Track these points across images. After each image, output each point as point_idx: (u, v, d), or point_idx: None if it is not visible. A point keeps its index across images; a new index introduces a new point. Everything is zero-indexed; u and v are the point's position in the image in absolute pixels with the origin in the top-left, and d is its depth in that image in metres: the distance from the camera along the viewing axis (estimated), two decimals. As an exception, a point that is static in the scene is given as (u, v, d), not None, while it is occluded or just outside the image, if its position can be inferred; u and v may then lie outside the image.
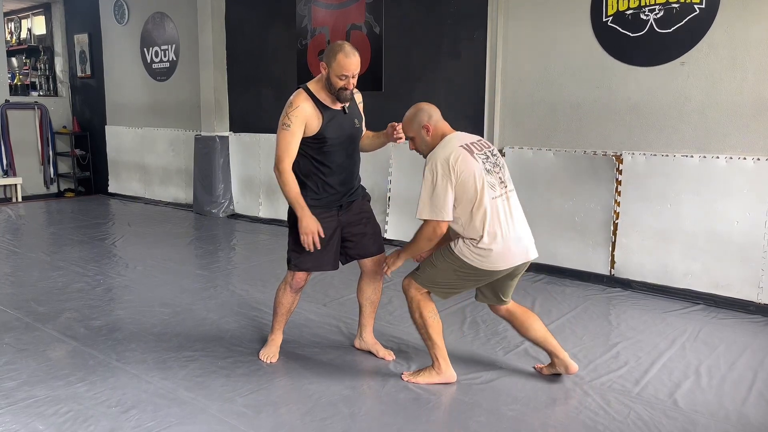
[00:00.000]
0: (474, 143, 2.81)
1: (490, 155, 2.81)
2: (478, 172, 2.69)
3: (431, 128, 2.83)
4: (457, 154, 2.70)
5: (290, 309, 3.20)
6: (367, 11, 5.83)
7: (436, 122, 2.84)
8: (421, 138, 2.86)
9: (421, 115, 2.85)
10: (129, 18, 8.26)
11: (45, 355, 3.25)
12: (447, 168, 2.67)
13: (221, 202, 7.28)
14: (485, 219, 2.68)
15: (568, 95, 4.72)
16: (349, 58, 2.83)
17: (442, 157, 2.71)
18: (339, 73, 2.84)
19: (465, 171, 2.67)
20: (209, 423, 2.57)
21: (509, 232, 2.72)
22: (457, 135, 2.84)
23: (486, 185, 2.69)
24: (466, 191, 2.68)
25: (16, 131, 8.61)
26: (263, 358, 3.20)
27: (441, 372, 2.94)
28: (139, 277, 4.74)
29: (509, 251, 2.72)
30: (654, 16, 4.25)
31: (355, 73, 2.87)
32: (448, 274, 2.81)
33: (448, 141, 2.79)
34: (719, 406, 2.77)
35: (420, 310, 2.89)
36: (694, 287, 4.25)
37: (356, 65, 2.86)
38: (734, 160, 4.05)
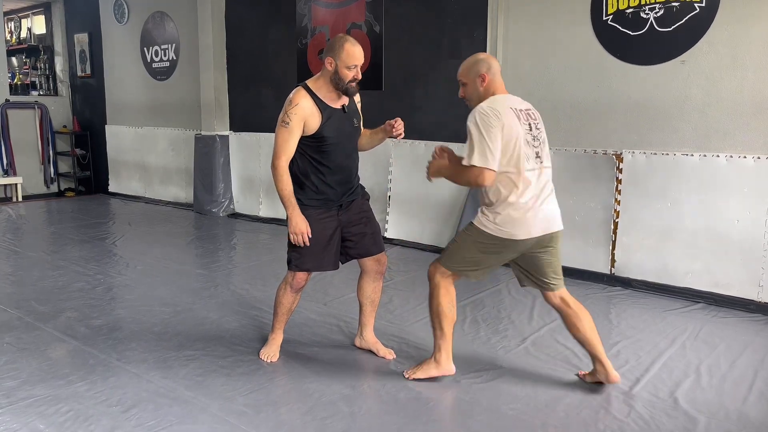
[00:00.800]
0: (523, 111, 2.74)
1: (534, 127, 2.74)
2: (520, 138, 2.64)
3: (487, 79, 2.75)
4: (506, 112, 2.64)
5: (290, 309, 3.20)
6: (367, 10, 5.83)
7: (494, 75, 2.77)
8: (474, 87, 2.79)
9: (481, 64, 2.77)
10: (129, 17, 8.26)
11: (45, 354, 3.25)
12: (497, 118, 2.60)
13: (221, 201, 7.28)
14: (510, 184, 2.64)
15: (568, 94, 4.72)
16: (356, 47, 2.87)
17: (492, 110, 2.63)
18: (349, 64, 2.85)
19: (509, 132, 2.62)
20: (210, 422, 2.58)
21: (532, 203, 2.66)
22: (508, 97, 2.77)
23: (522, 155, 2.64)
24: (504, 152, 2.62)
25: (17, 131, 8.61)
26: (264, 357, 3.20)
27: (440, 364, 2.93)
28: (139, 276, 4.74)
29: (528, 220, 2.66)
30: (654, 14, 4.25)
31: (357, 65, 2.89)
32: (470, 249, 2.77)
33: (498, 99, 2.71)
34: (720, 405, 2.77)
35: (439, 298, 2.86)
36: (694, 286, 4.24)
37: (362, 54, 2.90)
38: (734, 159, 4.05)
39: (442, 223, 5.50)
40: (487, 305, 4.11)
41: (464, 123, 5.30)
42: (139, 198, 8.48)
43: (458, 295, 4.29)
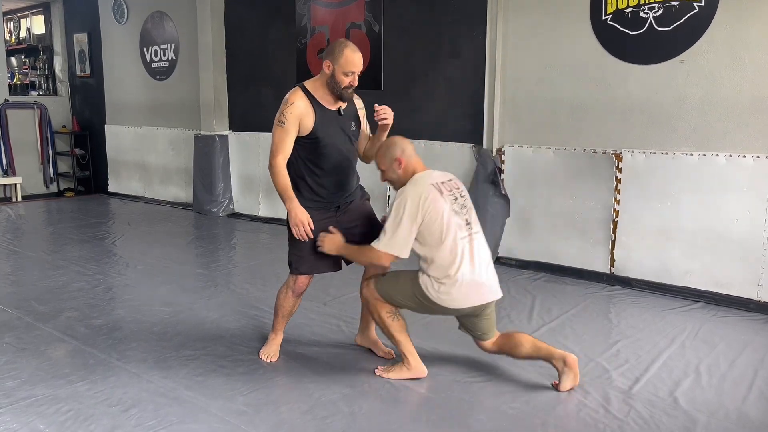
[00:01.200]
0: (444, 183, 2.85)
1: (459, 196, 2.86)
2: (446, 213, 2.74)
3: (403, 162, 2.85)
4: (427, 193, 2.74)
5: (291, 311, 3.20)
6: (366, 10, 5.83)
7: (408, 157, 2.86)
8: (392, 171, 2.88)
9: (394, 149, 2.87)
10: (128, 17, 8.25)
11: (45, 354, 3.25)
12: (416, 208, 2.72)
13: (221, 201, 7.28)
14: (448, 260, 2.74)
15: (567, 93, 4.72)
16: (355, 54, 2.88)
17: (413, 194, 2.75)
18: (346, 69, 2.86)
19: (433, 211, 2.72)
20: (210, 422, 2.58)
21: (470, 274, 2.76)
22: (428, 173, 2.87)
23: (453, 226, 2.75)
24: (431, 232, 2.73)
25: (16, 131, 8.60)
26: (263, 356, 3.21)
27: (411, 368, 2.97)
28: (139, 276, 4.74)
29: (468, 292, 2.78)
30: (653, 14, 4.25)
31: (355, 71, 2.90)
32: (407, 296, 2.88)
33: (420, 178, 2.83)
34: (719, 404, 2.77)
35: (378, 312, 2.95)
36: (693, 285, 4.25)
37: (361, 61, 2.92)
38: (734, 158, 4.05)
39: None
40: (487, 305, 4.10)
41: (464, 123, 5.30)
42: (138, 198, 8.48)
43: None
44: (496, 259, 5.12)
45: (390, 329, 2.95)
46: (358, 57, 2.89)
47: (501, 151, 5.08)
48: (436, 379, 2.99)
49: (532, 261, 4.99)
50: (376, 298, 2.94)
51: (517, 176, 5.04)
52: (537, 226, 4.97)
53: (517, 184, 5.03)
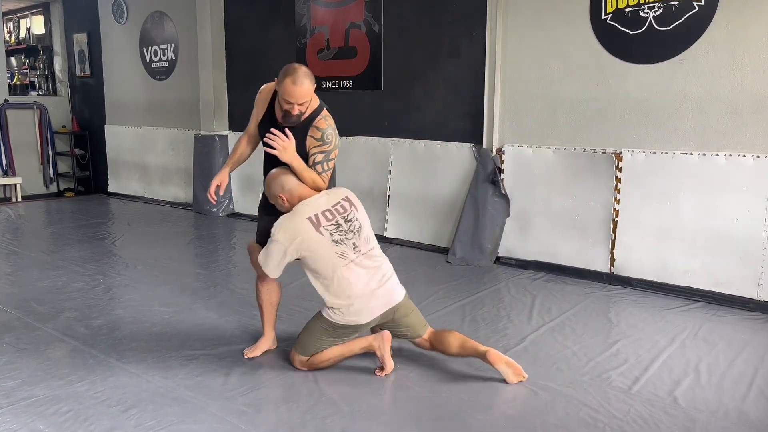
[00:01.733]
0: (327, 210, 2.90)
1: (344, 222, 2.91)
2: (323, 247, 2.84)
3: (285, 197, 2.92)
4: (299, 235, 2.82)
5: (269, 301, 3.20)
6: (366, 9, 5.83)
7: (290, 191, 2.92)
8: (279, 205, 2.97)
9: (275, 186, 2.94)
10: (128, 17, 8.25)
11: (45, 354, 3.25)
12: (287, 244, 2.83)
13: (221, 201, 7.28)
14: (336, 287, 2.85)
15: (567, 93, 4.72)
16: (296, 87, 2.78)
17: (285, 231, 2.84)
18: (284, 98, 2.83)
19: (308, 250, 2.84)
20: (210, 422, 2.58)
21: (364, 291, 2.87)
22: (308, 203, 2.90)
23: (334, 256, 2.84)
24: (318, 267, 2.86)
25: (16, 131, 8.60)
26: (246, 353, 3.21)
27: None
28: (139, 276, 4.74)
29: (366, 306, 2.88)
30: (653, 13, 4.25)
31: (300, 102, 2.82)
32: (321, 335, 2.97)
33: (299, 212, 2.88)
34: (719, 403, 2.77)
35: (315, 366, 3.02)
36: (693, 285, 4.25)
37: (302, 95, 2.80)
38: (734, 158, 4.05)
39: (441, 223, 5.50)
40: (487, 304, 4.11)
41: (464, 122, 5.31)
42: (138, 198, 8.48)
43: (457, 296, 4.31)
44: (496, 258, 5.13)
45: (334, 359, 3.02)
46: (297, 90, 2.78)
47: (501, 151, 5.08)
48: (435, 379, 2.99)
49: (532, 261, 4.99)
50: (304, 364, 3.02)
51: (516, 176, 5.04)
52: (537, 225, 4.96)
53: (517, 184, 5.03)
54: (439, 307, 4.03)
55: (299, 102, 2.82)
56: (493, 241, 5.10)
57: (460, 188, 5.33)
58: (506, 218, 5.09)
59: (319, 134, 2.96)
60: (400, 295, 3.02)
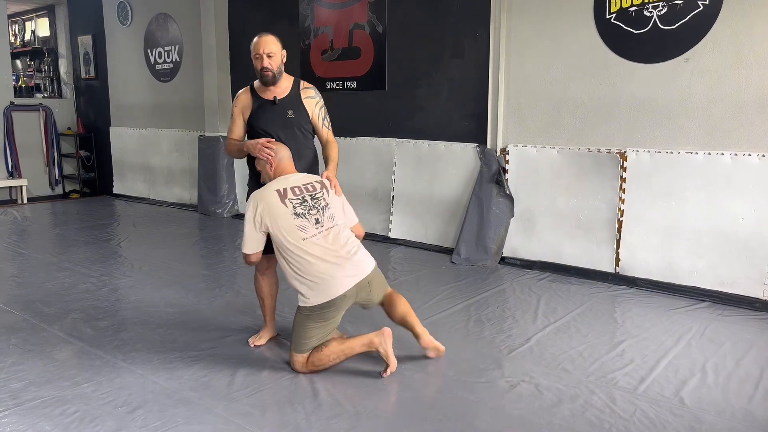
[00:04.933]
0: (295, 187, 3.03)
1: (309, 199, 3.02)
2: (284, 218, 2.93)
3: (274, 165, 3.09)
4: (262, 202, 2.97)
5: (268, 293, 3.38)
6: (370, 10, 5.83)
7: (280, 159, 3.10)
8: (265, 173, 3.14)
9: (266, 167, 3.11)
10: (132, 19, 8.28)
11: (51, 355, 3.26)
12: (251, 218, 3.00)
13: (225, 202, 7.29)
14: (301, 266, 2.91)
15: (571, 93, 4.71)
16: (260, 38, 3.16)
17: (253, 200, 3.02)
18: (252, 53, 3.16)
19: (269, 217, 2.95)
20: (215, 423, 2.58)
21: (329, 266, 2.89)
22: (284, 178, 3.06)
23: (295, 229, 2.92)
24: (279, 239, 2.95)
25: (21, 133, 8.65)
26: (251, 341, 3.40)
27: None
28: (144, 277, 4.75)
29: (334, 280, 2.89)
30: (658, 12, 4.24)
31: (267, 52, 3.13)
32: (306, 324, 2.97)
33: (269, 185, 3.04)
34: (725, 403, 2.76)
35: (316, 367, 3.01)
36: (699, 284, 4.23)
37: (265, 43, 3.14)
38: (739, 157, 4.03)
39: (446, 223, 5.49)
40: (491, 305, 4.11)
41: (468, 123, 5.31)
42: (143, 199, 8.50)
43: (462, 296, 4.31)
44: (500, 259, 5.12)
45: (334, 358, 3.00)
46: (261, 40, 3.14)
47: (505, 151, 5.07)
48: (441, 380, 2.99)
49: (537, 261, 4.98)
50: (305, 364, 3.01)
51: (521, 176, 5.03)
52: (541, 225, 4.96)
53: (522, 184, 5.03)
54: (444, 308, 4.03)
55: (266, 51, 3.13)
56: (498, 241, 5.09)
57: (465, 188, 5.32)
58: (511, 218, 5.08)
59: (312, 91, 3.36)
60: (369, 266, 3.05)
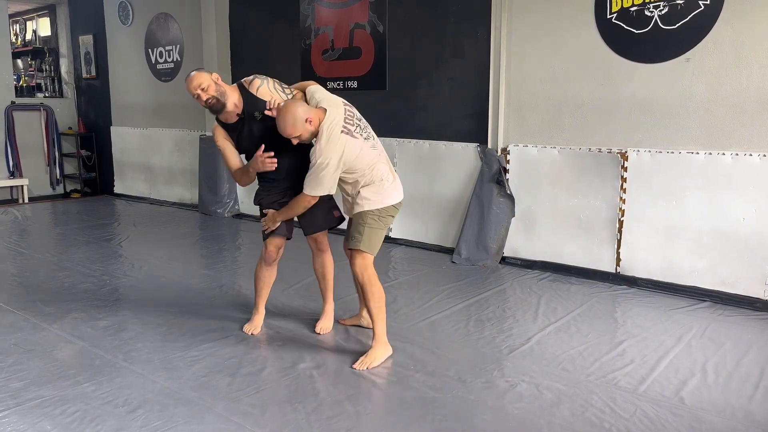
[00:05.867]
0: (348, 119, 3.07)
1: (359, 124, 3.14)
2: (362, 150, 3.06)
3: (311, 118, 3.00)
4: (343, 146, 3.00)
5: (269, 283, 3.58)
6: (370, 10, 5.83)
7: (313, 113, 3.03)
8: (306, 132, 3.03)
9: (298, 112, 2.98)
10: (133, 19, 8.28)
11: (52, 355, 3.27)
12: (337, 164, 3.01)
13: (226, 202, 7.30)
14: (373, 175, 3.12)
15: (572, 92, 4.71)
16: (186, 81, 3.19)
17: (334, 154, 2.99)
18: (191, 95, 3.18)
19: (352, 156, 3.03)
20: (215, 422, 2.58)
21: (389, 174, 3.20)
22: (330, 121, 3.02)
23: (370, 152, 3.11)
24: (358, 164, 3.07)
25: (23, 133, 8.65)
26: (246, 330, 3.57)
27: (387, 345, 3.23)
28: (144, 277, 4.75)
29: (398, 186, 3.22)
30: (659, 12, 4.24)
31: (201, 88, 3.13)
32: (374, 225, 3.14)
33: (332, 132, 3.00)
34: (726, 403, 2.76)
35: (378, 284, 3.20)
36: (700, 284, 4.23)
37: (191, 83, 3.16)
38: (740, 157, 4.03)
39: (446, 223, 5.49)
40: (492, 304, 4.11)
41: (469, 123, 5.29)
42: (144, 199, 8.51)
43: (462, 296, 4.31)
44: (501, 259, 5.12)
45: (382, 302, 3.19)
46: (187, 82, 3.17)
47: (506, 151, 5.07)
48: (441, 379, 2.99)
49: (538, 260, 4.98)
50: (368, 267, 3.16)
51: (522, 176, 5.03)
52: (542, 225, 4.95)
53: (522, 184, 5.02)
54: (445, 307, 4.03)
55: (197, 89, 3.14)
56: (499, 241, 5.09)
57: (465, 188, 5.32)
58: (511, 218, 5.08)
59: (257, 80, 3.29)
60: None
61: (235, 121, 3.26)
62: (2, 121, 8.47)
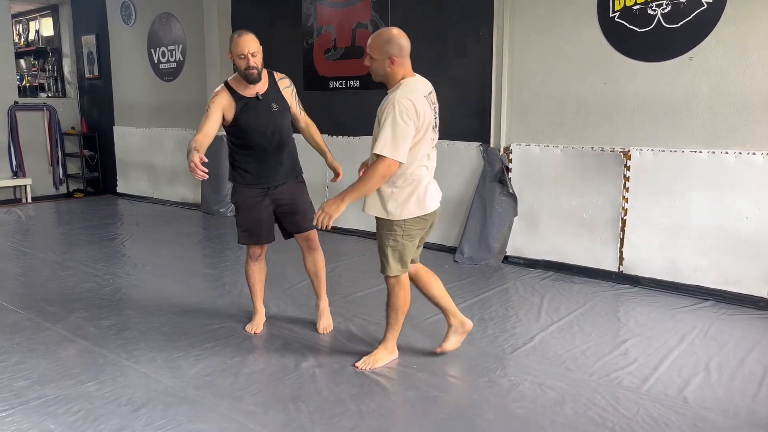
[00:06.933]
0: (429, 95, 2.86)
1: (436, 111, 2.92)
2: (427, 130, 2.80)
3: (396, 62, 2.75)
4: (422, 103, 2.75)
5: (260, 278, 3.57)
6: (372, 9, 5.83)
7: (403, 58, 2.78)
8: (381, 65, 2.78)
9: (392, 46, 2.74)
10: (136, 19, 8.29)
11: (56, 354, 3.27)
12: (414, 113, 2.69)
13: (229, 201, 7.30)
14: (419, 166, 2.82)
15: (575, 91, 4.70)
16: (241, 37, 3.12)
17: (412, 102, 2.70)
18: (237, 53, 3.12)
19: (424, 123, 2.76)
20: (218, 421, 2.59)
21: (430, 180, 2.92)
22: (418, 81, 2.84)
23: (428, 139, 2.83)
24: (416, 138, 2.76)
25: (26, 132, 8.66)
26: (248, 330, 3.57)
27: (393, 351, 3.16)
28: (147, 276, 4.76)
29: (432, 194, 2.91)
30: (661, 11, 4.23)
31: (252, 52, 3.11)
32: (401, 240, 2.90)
33: (414, 86, 2.79)
34: (729, 402, 2.76)
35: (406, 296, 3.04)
36: (703, 283, 4.22)
37: (249, 43, 3.12)
38: (743, 155, 4.02)
39: (449, 222, 5.49)
40: (495, 304, 4.11)
41: (471, 122, 5.26)
42: (146, 198, 8.52)
43: (465, 295, 4.31)
44: (503, 258, 5.12)
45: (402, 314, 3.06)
46: (243, 39, 3.11)
47: (508, 150, 5.07)
48: (444, 378, 2.99)
49: (540, 260, 4.97)
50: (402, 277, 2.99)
51: (524, 175, 5.02)
52: (545, 224, 4.95)
53: (525, 183, 5.02)
54: (447, 307, 4.02)
55: (251, 51, 3.11)
56: (501, 240, 5.09)
57: (468, 187, 5.32)
58: (514, 217, 5.08)
59: (287, 81, 3.38)
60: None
61: (251, 96, 3.24)
62: (5, 121, 8.48)
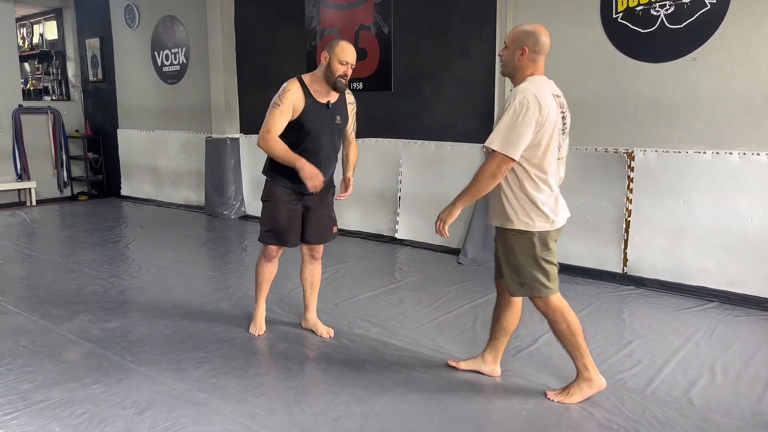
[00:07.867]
0: (558, 96, 2.65)
1: (564, 117, 2.68)
2: (557, 127, 2.58)
3: (526, 55, 2.58)
4: (549, 101, 2.54)
5: (269, 278, 3.53)
6: (375, 11, 5.84)
7: (536, 54, 2.59)
8: (511, 56, 2.62)
9: (528, 38, 2.59)
10: (139, 22, 8.31)
11: (60, 357, 3.28)
12: (538, 108, 2.47)
13: (232, 203, 7.31)
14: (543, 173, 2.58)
15: (578, 92, 4.70)
16: (351, 47, 3.14)
17: (537, 99, 2.49)
18: (341, 59, 3.11)
19: (549, 121, 2.52)
20: (223, 423, 2.59)
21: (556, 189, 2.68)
22: (547, 80, 2.64)
23: (554, 144, 2.58)
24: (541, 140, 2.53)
25: (30, 136, 8.69)
26: (252, 331, 3.55)
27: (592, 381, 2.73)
28: (152, 278, 4.77)
29: (561, 205, 2.68)
30: (665, 11, 4.23)
31: (353, 63, 3.14)
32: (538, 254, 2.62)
33: (543, 83, 2.59)
34: (734, 404, 2.75)
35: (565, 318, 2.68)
36: (708, 285, 4.21)
37: (355, 56, 3.16)
38: (747, 156, 4.01)
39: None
40: (499, 305, 4.09)
41: (472, 123, 5.26)
42: (150, 201, 8.54)
43: (468, 295, 4.30)
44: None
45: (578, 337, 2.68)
46: (352, 50, 3.14)
47: (512, 151, 5.06)
48: (448, 380, 2.99)
49: (544, 261, 4.96)
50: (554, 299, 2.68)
51: (528, 176, 5.01)
52: (548, 226, 4.94)
53: (528, 184, 5.00)
54: (451, 309, 4.03)
55: (353, 63, 3.14)
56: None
57: (471, 189, 5.31)
58: (518, 219, 5.06)
59: (352, 97, 3.41)
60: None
61: (322, 101, 3.20)
62: (10, 124, 8.52)
